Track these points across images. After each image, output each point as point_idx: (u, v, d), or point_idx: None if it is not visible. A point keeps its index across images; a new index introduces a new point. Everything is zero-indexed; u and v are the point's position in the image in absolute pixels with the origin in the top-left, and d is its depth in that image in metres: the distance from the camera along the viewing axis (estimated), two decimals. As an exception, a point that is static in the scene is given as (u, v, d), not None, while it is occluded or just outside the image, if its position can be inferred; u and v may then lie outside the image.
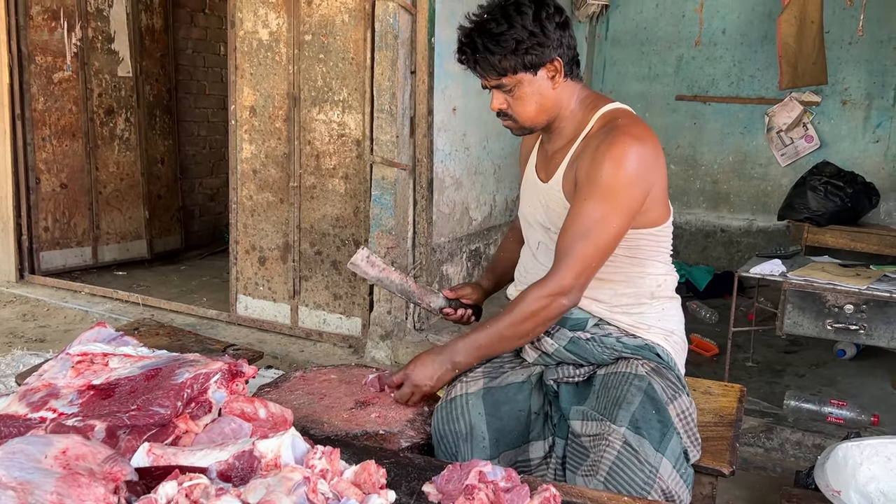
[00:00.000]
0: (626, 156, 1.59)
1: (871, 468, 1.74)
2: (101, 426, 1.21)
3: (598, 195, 1.60)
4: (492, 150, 4.51)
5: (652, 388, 1.62)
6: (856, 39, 4.62)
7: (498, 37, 1.61)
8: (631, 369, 1.68)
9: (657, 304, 1.78)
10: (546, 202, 1.79)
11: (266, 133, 3.86)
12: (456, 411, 1.69)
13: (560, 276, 1.62)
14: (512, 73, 1.64)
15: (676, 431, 1.58)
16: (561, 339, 1.74)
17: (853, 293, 2.86)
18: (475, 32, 1.64)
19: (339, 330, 3.87)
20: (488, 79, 1.67)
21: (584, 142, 1.70)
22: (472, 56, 1.65)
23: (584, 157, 1.66)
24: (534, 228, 1.86)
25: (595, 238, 1.60)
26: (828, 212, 4.04)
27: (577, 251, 1.61)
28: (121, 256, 5.23)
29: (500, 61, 1.62)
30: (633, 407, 1.57)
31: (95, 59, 4.90)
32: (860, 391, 3.34)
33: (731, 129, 5.11)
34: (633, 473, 1.48)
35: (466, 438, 1.65)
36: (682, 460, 1.56)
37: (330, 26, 3.61)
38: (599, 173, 1.60)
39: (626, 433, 1.52)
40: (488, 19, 1.63)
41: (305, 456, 1.20)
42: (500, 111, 1.71)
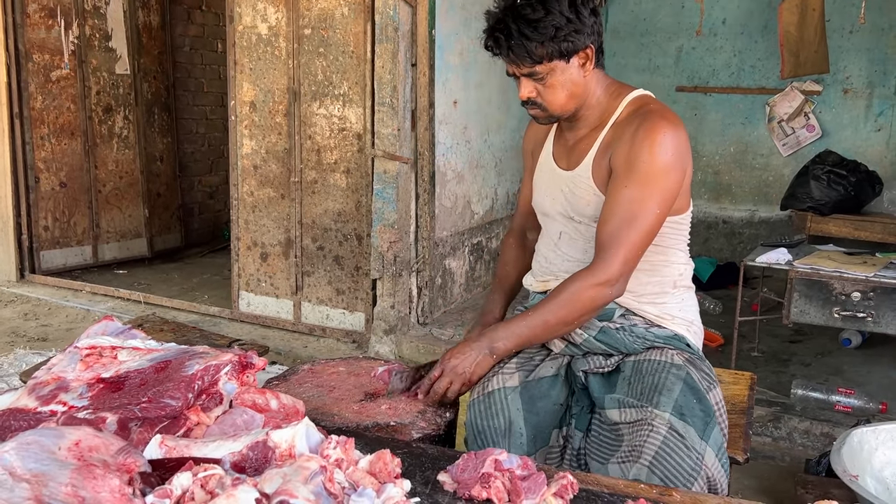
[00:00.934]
0: (664, 141, 1.58)
1: (887, 453, 1.72)
2: (113, 418, 1.19)
3: (639, 181, 1.58)
4: (493, 143, 4.49)
5: (691, 377, 1.60)
6: (857, 28, 4.61)
7: (536, 23, 1.56)
8: (666, 358, 1.65)
9: (678, 294, 1.77)
10: (571, 190, 1.75)
11: (266, 128, 3.84)
12: (495, 406, 1.65)
13: (607, 264, 1.58)
14: (547, 60, 1.60)
15: (717, 422, 1.56)
16: (590, 329, 1.71)
17: (860, 281, 2.85)
18: (509, 18, 1.58)
19: (342, 325, 3.85)
20: (521, 66, 1.61)
21: (615, 128, 1.68)
22: (506, 43, 1.59)
23: (620, 143, 1.63)
24: (553, 219, 1.82)
25: (639, 224, 1.58)
26: (831, 201, 4.04)
27: (623, 239, 1.57)
28: (121, 255, 5.21)
29: (536, 48, 1.57)
30: (674, 394, 1.55)
31: (93, 56, 4.88)
32: (867, 379, 3.33)
33: (732, 119, 5.10)
34: (680, 459, 1.45)
35: (505, 434, 1.62)
36: (723, 449, 1.54)
37: (329, 20, 3.59)
38: (639, 159, 1.58)
39: (671, 419, 1.49)
40: (524, 4, 1.58)
41: (320, 446, 1.18)
42: (529, 100, 1.67)
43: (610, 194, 1.62)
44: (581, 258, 1.77)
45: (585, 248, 1.76)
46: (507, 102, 4.61)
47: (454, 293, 4.25)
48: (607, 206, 1.61)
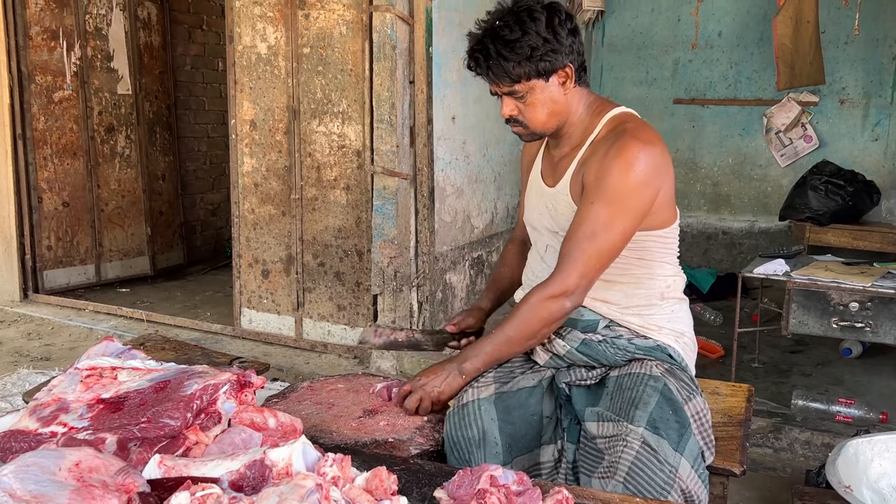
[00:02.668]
0: (635, 160, 1.61)
1: (883, 464, 1.73)
2: (112, 439, 1.21)
3: (606, 199, 1.61)
4: (492, 157, 4.52)
5: (668, 388, 1.62)
6: (852, 39, 4.64)
7: (513, 44, 1.61)
8: (645, 370, 1.68)
9: (667, 305, 1.79)
10: (553, 206, 1.80)
11: (266, 146, 3.88)
12: (468, 417, 1.67)
13: (563, 277, 1.63)
14: (525, 79, 1.64)
15: (693, 432, 1.58)
16: (572, 341, 1.74)
17: (858, 291, 2.86)
18: (488, 39, 1.63)
19: (343, 341, 3.87)
20: (500, 85, 1.67)
21: (592, 147, 1.72)
22: (485, 63, 1.64)
23: (593, 161, 1.67)
24: (540, 233, 1.87)
25: (599, 241, 1.62)
26: (829, 211, 4.05)
27: (581, 253, 1.62)
28: (124, 273, 5.24)
29: (514, 68, 1.62)
30: (649, 407, 1.57)
31: (95, 77, 4.93)
32: (867, 389, 3.34)
33: (729, 131, 5.12)
34: (652, 473, 1.47)
35: (479, 444, 1.63)
36: (699, 460, 1.56)
37: (328, 39, 3.63)
38: (608, 177, 1.62)
39: (644, 433, 1.52)
40: (501, 25, 1.62)
41: (317, 464, 1.20)
42: (511, 118, 1.72)
43: (578, 209, 1.67)
44: None
45: None
46: (506, 117, 4.63)
47: (455, 307, 4.26)
48: (574, 221, 1.67)
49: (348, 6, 3.56)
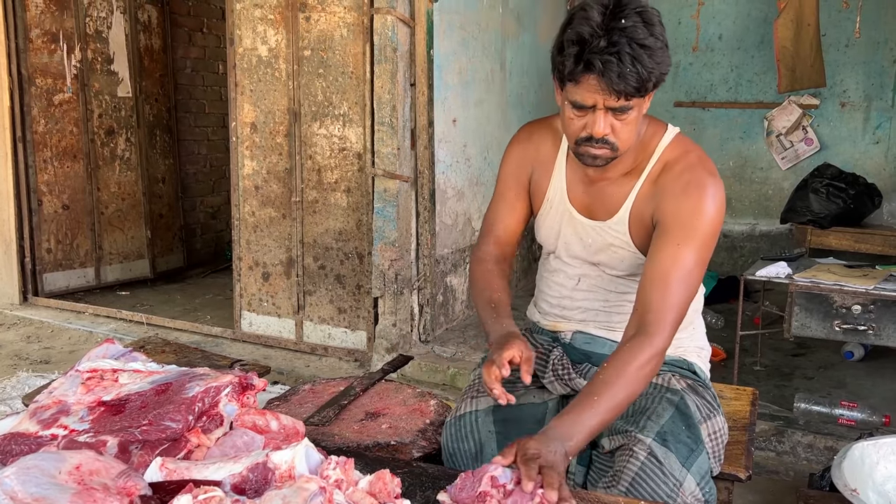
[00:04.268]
0: (714, 199, 1.50)
1: (889, 467, 1.72)
2: (113, 441, 1.20)
3: (694, 242, 1.48)
4: (492, 160, 4.51)
5: (685, 403, 1.58)
6: (853, 41, 4.64)
7: (651, 51, 1.39)
8: (663, 382, 1.63)
9: (691, 324, 1.74)
10: (600, 242, 1.65)
11: (267, 149, 3.87)
12: (465, 429, 1.64)
13: (661, 332, 1.45)
14: (648, 92, 1.44)
15: (705, 450, 1.53)
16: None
17: (860, 293, 2.86)
18: (624, 41, 1.38)
19: (344, 344, 3.86)
20: (615, 97, 1.41)
21: (653, 179, 1.57)
22: (618, 68, 1.38)
23: (667, 197, 1.52)
24: (569, 264, 1.72)
25: (689, 286, 1.48)
26: (830, 214, 4.05)
27: (674, 302, 1.46)
28: (124, 276, 5.23)
29: (649, 77, 1.40)
30: (662, 420, 1.52)
31: (95, 80, 4.92)
32: (870, 392, 3.32)
33: (730, 134, 5.12)
34: (655, 486, 1.44)
35: (476, 457, 1.60)
36: (707, 478, 1.51)
37: (329, 41, 3.63)
38: (693, 217, 1.48)
39: (651, 444, 1.47)
40: (632, 26, 1.39)
41: (320, 467, 1.19)
42: (603, 137, 1.47)
43: (659, 252, 1.49)
44: (600, 305, 1.71)
45: (607, 297, 1.70)
46: (507, 120, 4.63)
47: (456, 310, 4.25)
48: (657, 265, 1.48)
49: (349, 9, 3.56)
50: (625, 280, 1.69)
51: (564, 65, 1.45)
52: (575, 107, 1.48)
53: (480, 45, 4.20)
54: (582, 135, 1.49)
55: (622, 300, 1.70)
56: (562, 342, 1.76)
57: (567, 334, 1.75)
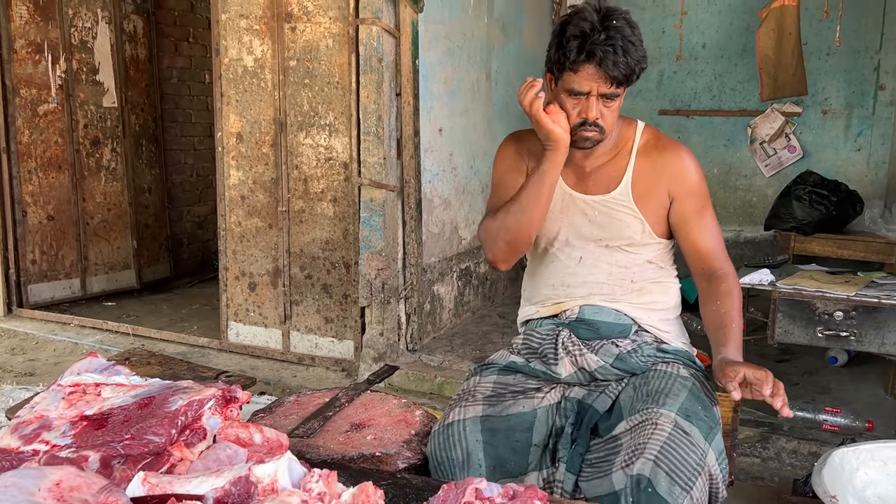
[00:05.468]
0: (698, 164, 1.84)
1: (868, 473, 1.74)
2: (95, 456, 1.20)
3: (707, 201, 1.83)
4: (479, 169, 4.53)
5: (696, 388, 1.68)
6: (833, 50, 4.70)
7: (636, 44, 1.67)
8: (673, 370, 1.73)
9: (677, 317, 1.91)
10: (604, 213, 1.83)
11: (253, 159, 3.87)
12: (452, 437, 1.65)
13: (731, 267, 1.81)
14: (632, 82, 1.70)
15: (720, 430, 1.62)
16: (607, 357, 1.75)
17: (842, 300, 2.88)
18: (618, 35, 1.64)
19: (331, 353, 3.85)
20: (607, 84, 1.67)
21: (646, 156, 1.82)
22: (613, 56, 1.64)
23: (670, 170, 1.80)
24: (570, 244, 1.87)
25: (721, 233, 1.85)
26: (813, 220, 4.08)
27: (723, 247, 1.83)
28: (109, 287, 5.20)
29: (635, 67, 1.67)
30: (680, 398, 1.61)
31: (80, 90, 4.91)
32: (854, 398, 3.35)
33: (714, 141, 5.17)
34: (685, 454, 1.48)
35: (463, 466, 1.61)
36: (723, 457, 1.59)
37: (314, 51, 3.64)
38: (700, 186, 1.81)
39: (676, 417, 1.54)
40: (621, 25, 1.66)
41: (302, 479, 1.19)
42: (595, 121, 1.73)
43: (692, 217, 1.80)
44: (604, 278, 1.84)
45: (610, 271, 1.84)
46: (493, 129, 4.66)
47: (443, 319, 4.26)
48: (696, 228, 1.80)
49: (334, 19, 3.57)
50: (624, 253, 1.83)
51: (566, 56, 1.67)
52: (571, 94, 1.71)
53: (466, 55, 4.22)
54: (576, 120, 1.73)
55: (624, 274, 1.84)
56: (567, 322, 1.84)
57: (573, 310, 1.84)
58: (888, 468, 1.74)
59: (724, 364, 1.59)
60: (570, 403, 1.72)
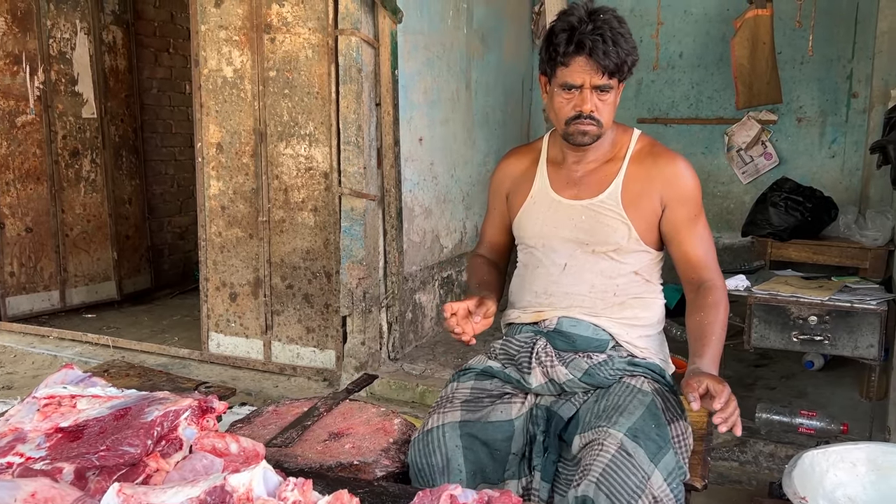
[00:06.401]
0: (694, 173, 1.84)
1: (838, 474, 1.77)
2: (70, 468, 1.20)
3: (701, 210, 1.83)
4: (459, 177, 4.56)
5: (655, 404, 1.67)
6: (807, 59, 4.77)
7: (625, 35, 1.69)
8: (636, 384, 1.73)
9: (660, 332, 1.90)
10: (591, 219, 1.82)
11: (233, 169, 3.87)
12: (432, 444, 1.66)
13: (720, 279, 1.80)
14: (625, 74, 1.72)
15: (672, 449, 1.60)
16: (576, 371, 1.75)
17: (816, 304, 2.93)
18: (606, 26, 1.67)
19: (313, 363, 3.85)
20: (599, 75, 1.68)
21: (636, 162, 1.82)
22: (602, 46, 1.66)
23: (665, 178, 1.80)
24: (554, 250, 1.86)
25: (713, 242, 1.86)
26: (789, 226, 4.14)
27: (714, 256, 1.84)
28: (89, 299, 5.16)
29: (626, 58, 1.69)
30: (634, 417, 1.60)
31: (59, 101, 4.88)
32: (829, 401, 3.40)
33: (692, 149, 5.22)
34: (625, 477, 1.48)
35: (443, 471, 1.63)
36: (675, 476, 1.57)
37: (294, 62, 3.65)
38: (695, 194, 1.81)
39: (623, 439, 1.53)
40: (610, 19, 1.69)
41: (278, 489, 1.20)
42: (590, 114, 1.73)
43: (682, 228, 1.80)
44: (586, 290, 1.83)
45: (592, 282, 1.83)
46: (473, 138, 4.69)
47: (425, 327, 4.27)
48: (688, 237, 1.80)
49: (314, 30, 3.59)
50: (610, 261, 1.82)
51: (557, 50, 1.70)
52: (565, 88, 1.72)
53: (445, 65, 4.26)
54: (571, 113, 1.74)
55: (607, 285, 1.82)
56: (545, 331, 1.83)
57: (552, 321, 1.84)
58: (857, 469, 1.77)
59: (691, 374, 1.59)
60: (540, 411, 1.74)
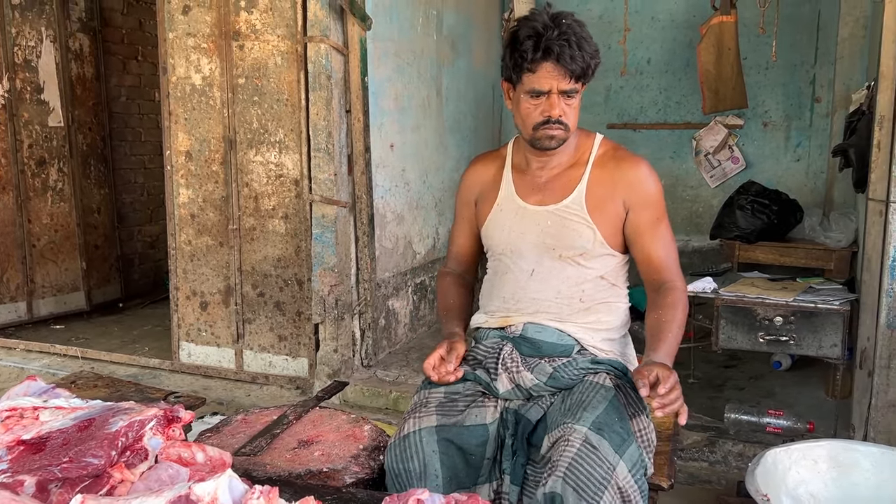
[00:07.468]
0: (656, 176, 1.87)
1: (800, 472, 1.80)
2: (32, 481, 1.18)
3: (663, 212, 1.85)
4: (431, 184, 4.57)
5: (617, 399, 1.70)
6: (771, 64, 4.86)
7: (588, 39, 1.72)
8: (599, 380, 1.75)
9: (624, 335, 1.94)
10: (557, 223, 1.84)
11: (203, 177, 3.85)
12: (410, 449, 1.66)
13: (681, 280, 1.85)
14: (587, 78, 1.74)
15: (636, 442, 1.63)
16: (541, 376, 1.77)
17: (781, 305, 2.98)
18: (571, 31, 1.69)
19: (285, 372, 3.83)
20: (566, 80, 1.71)
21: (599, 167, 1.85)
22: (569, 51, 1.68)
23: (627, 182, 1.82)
24: (522, 256, 1.88)
25: (675, 244, 1.89)
26: (756, 229, 4.20)
27: (675, 258, 1.86)
28: (58, 310, 5.09)
29: (590, 62, 1.71)
30: (597, 411, 1.62)
31: (24, 110, 4.82)
32: (797, 400, 3.46)
33: (661, 154, 5.29)
34: (591, 469, 1.50)
35: (420, 477, 1.63)
36: (639, 468, 1.59)
37: (263, 69, 3.64)
38: (657, 196, 1.83)
39: (587, 433, 1.55)
40: (572, 24, 1.71)
41: (244, 497, 1.20)
42: (558, 119, 1.75)
43: (645, 230, 1.82)
44: (553, 296, 1.84)
45: (559, 289, 1.84)
46: (445, 144, 4.71)
47: (399, 334, 4.27)
48: (650, 239, 1.82)
49: (282, 37, 3.58)
50: (576, 266, 1.83)
51: (524, 56, 1.71)
52: (532, 94, 1.74)
53: (416, 72, 4.27)
54: (539, 119, 1.76)
55: (573, 291, 1.84)
56: (511, 337, 1.85)
57: (518, 327, 1.85)
58: (818, 467, 1.81)
59: (643, 365, 1.65)
60: (509, 415, 1.75)
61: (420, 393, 1.85)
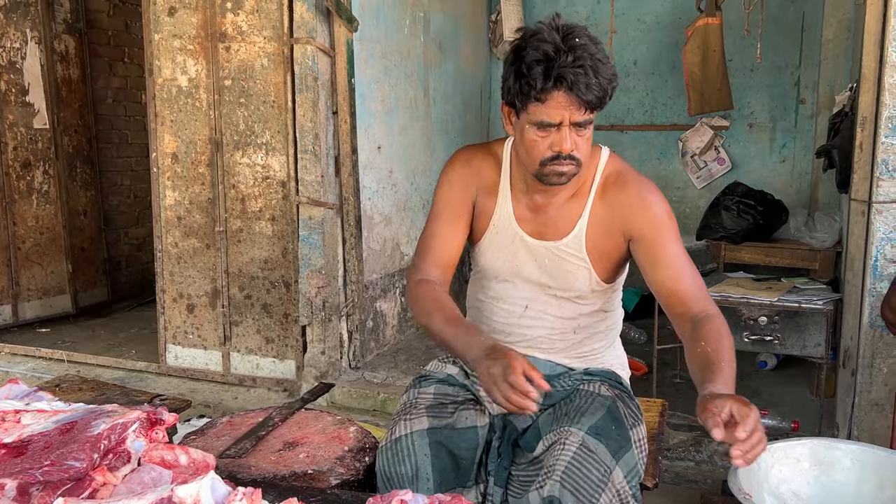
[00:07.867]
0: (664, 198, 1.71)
1: (783, 470, 1.82)
2: (12, 484, 1.18)
3: (677, 235, 1.69)
4: (419, 185, 4.58)
5: (616, 407, 1.67)
6: (756, 66, 4.90)
7: (605, 64, 1.49)
8: (594, 389, 1.73)
9: (616, 345, 1.92)
10: (554, 263, 1.72)
11: (189, 179, 3.84)
12: (401, 453, 1.65)
13: (713, 306, 1.64)
14: (602, 107, 1.53)
15: (633, 449, 1.62)
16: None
17: (766, 305, 3.01)
18: (587, 55, 1.46)
19: (272, 374, 3.82)
20: (581, 111, 1.50)
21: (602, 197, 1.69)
22: (584, 79, 1.46)
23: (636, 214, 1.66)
24: (515, 286, 1.76)
25: (696, 268, 1.70)
26: (742, 230, 4.23)
27: (701, 283, 1.68)
28: (43, 313, 5.05)
29: (607, 89, 1.50)
30: (595, 417, 1.61)
31: (9, 112, 4.78)
32: (782, 399, 3.48)
33: (648, 155, 5.32)
34: (588, 472, 1.49)
35: (412, 480, 1.62)
36: (634, 474, 1.58)
37: (249, 71, 3.64)
38: (668, 219, 1.68)
39: (584, 437, 1.54)
40: (587, 44, 1.48)
41: (226, 498, 1.20)
42: (570, 154, 1.55)
43: (662, 257, 1.65)
44: (546, 332, 1.77)
45: (553, 325, 1.76)
46: (432, 145, 4.71)
47: (387, 335, 4.27)
48: (669, 266, 1.64)
49: (269, 39, 3.58)
50: (572, 304, 1.76)
51: (531, 84, 1.48)
52: (540, 127, 1.53)
53: (403, 73, 4.27)
54: (548, 154, 1.55)
55: (566, 325, 1.78)
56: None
57: None
58: (801, 465, 1.82)
59: (707, 397, 1.36)
60: (497, 420, 1.75)
61: (409, 392, 1.83)
